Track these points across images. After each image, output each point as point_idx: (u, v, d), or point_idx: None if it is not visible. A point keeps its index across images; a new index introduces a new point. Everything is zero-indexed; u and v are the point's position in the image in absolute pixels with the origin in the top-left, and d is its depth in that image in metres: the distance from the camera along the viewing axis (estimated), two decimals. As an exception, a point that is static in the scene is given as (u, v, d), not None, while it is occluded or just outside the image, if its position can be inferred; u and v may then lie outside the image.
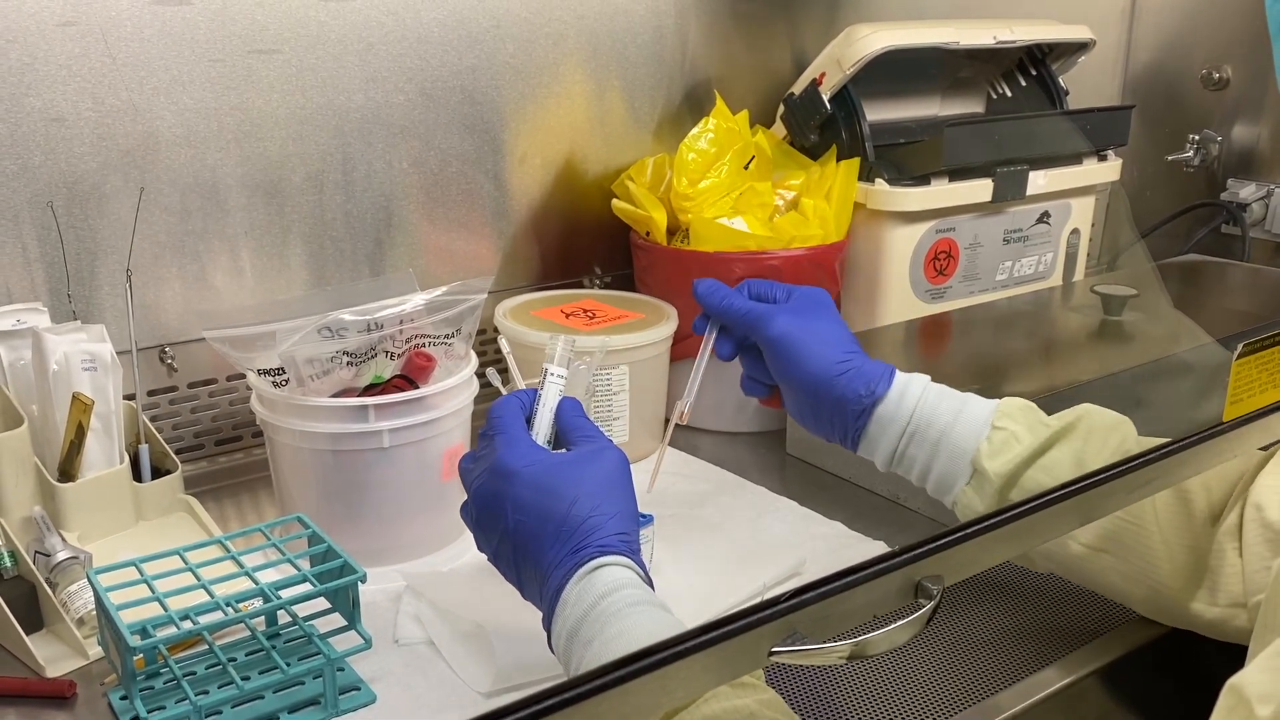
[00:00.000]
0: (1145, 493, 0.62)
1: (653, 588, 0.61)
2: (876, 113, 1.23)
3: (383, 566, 0.85)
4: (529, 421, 0.69)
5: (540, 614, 0.81)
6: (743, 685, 0.55)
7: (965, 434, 0.74)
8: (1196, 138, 1.63)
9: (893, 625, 0.49)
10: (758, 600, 0.82)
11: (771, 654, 0.46)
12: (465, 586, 0.82)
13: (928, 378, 0.77)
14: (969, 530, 0.51)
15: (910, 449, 0.76)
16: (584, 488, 0.63)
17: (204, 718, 0.66)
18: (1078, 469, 0.71)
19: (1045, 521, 0.55)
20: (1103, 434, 0.72)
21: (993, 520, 0.52)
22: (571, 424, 0.69)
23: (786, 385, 0.79)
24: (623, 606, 0.57)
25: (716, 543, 0.90)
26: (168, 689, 0.70)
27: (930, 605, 0.50)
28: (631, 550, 0.62)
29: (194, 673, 0.72)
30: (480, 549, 0.67)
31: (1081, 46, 1.35)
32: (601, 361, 0.96)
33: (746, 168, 1.14)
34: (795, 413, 0.81)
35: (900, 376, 0.77)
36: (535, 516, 0.62)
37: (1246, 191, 1.57)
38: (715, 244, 1.09)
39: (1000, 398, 0.76)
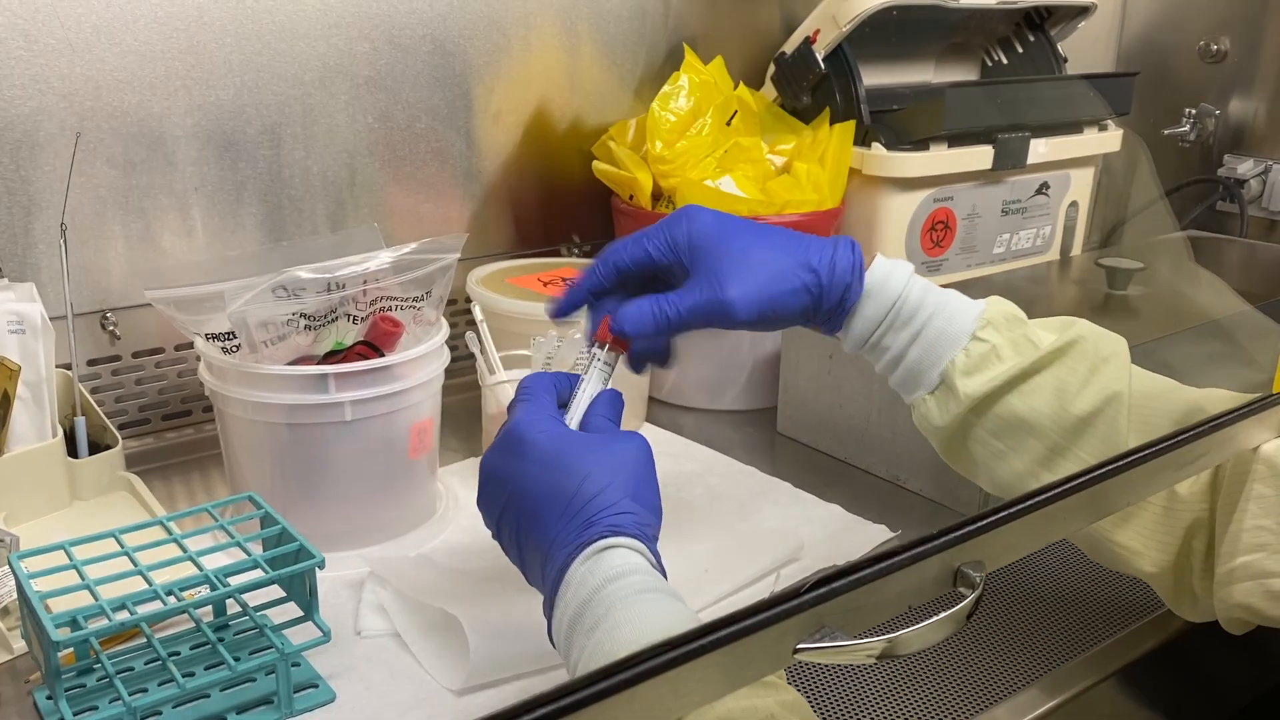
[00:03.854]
0: (1195, 469, 0.58)
1: (665, 577, 0.55)
2: (869, 77, 1.17)
3: (343, 551, 0.79)
4: (563, 406, 0.64)
5: (520, 608, 0.74)
6: (764, 683, 0.49)
7: (939, 339, 0.65)
8: (1193, 111, 1.59)
9: (932, 619, 0.43)
10: (752, 586, 0.76)
11: (797, 651, 0.40)
12: (435, 573, 0.76)
13: (910, 268, 0.67)
14: (1014, 510, 0.45)
15: (881, 344, 0.67)
16: (601, 466, 0.57)
17: (140, 719, 0.59)
18: (1057, 399, 0.64)
19: (1096, 498, 0.50)
20: (1091, 362, 0.65)
21: (1042, 498, 0.46)
22: (603, 420, 0.63)
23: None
24: (631, 593, 0.52)
25: (707, 526, 0.84)
26: (100, 687, 0.64)
27: (973, 595, 0.44)
28: (646, 536, 0.56)
29: (130, 669, 0.65)
30: (485, 524, 0.62)
31: (1082, 11, 1.30)
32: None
33: (729, 124, 1.08)
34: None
35: (879, 268, 0.66)
36: (543, 487, 0.57)
37: (1244, 168, 1.52)
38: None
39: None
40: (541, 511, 0.57)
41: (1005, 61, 1.34)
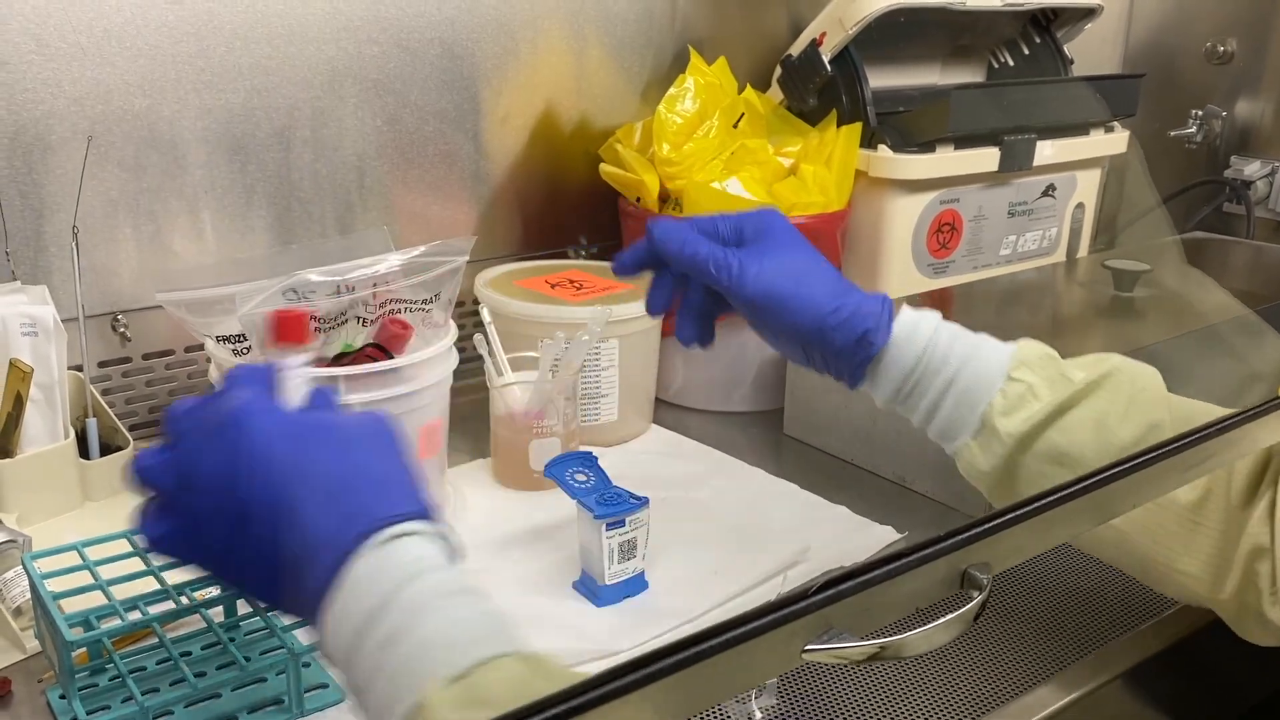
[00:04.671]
0: (1200, 472, 0.57)
1: (464, 559, 0.49)
2: (875, 79, 1.17)
3: (353, 552, 0.78)
4: None
5: (529, 609, 0.74)
6: None
7: (976, 383, 0.66)
8: (1200, 113, 1.58)
9: (940, 621, 0.43)
10: (760, 587, 0.76)
11: (805, 652, 0.40)
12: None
13: (938, 315, 0.68)
14: (1021, 512, 0.45)
15: (915, 394, 0.68)
16: (361, 438, 0.49)
17: (153, 719, 0.60)
18: (1098, 431, 0.64)
19: (1100, 501, 0.50)
20: (1129, 393, 0.65)
21: (1047, 500, 0.46)
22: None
23: (770, 339, 0.71)
24: (438, 598, 0.45)
25: (713, 528, 0.84)
26: (113, 687, 0.64)
27: (980, 597, 0.44)
28: (438, 515, 0.49)
29: (143, 669, 0.65)
30: (159, 542, 0.50)
31: (1089, 12, 1.30)
32: (600, 334, 0.89)
33: (736, 126, 1.08)
34: (784, 354, 0.73)
35: (907, 317, 0.67)
36: (292, 471, 0.47)
37: (1251, 169, 1.52)
38: (709, 210, 1.02)
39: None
40: (290, 504, 0.46)
41: (1011, 63, 1.34)
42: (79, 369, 0.85)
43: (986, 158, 1.15)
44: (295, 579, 0.47)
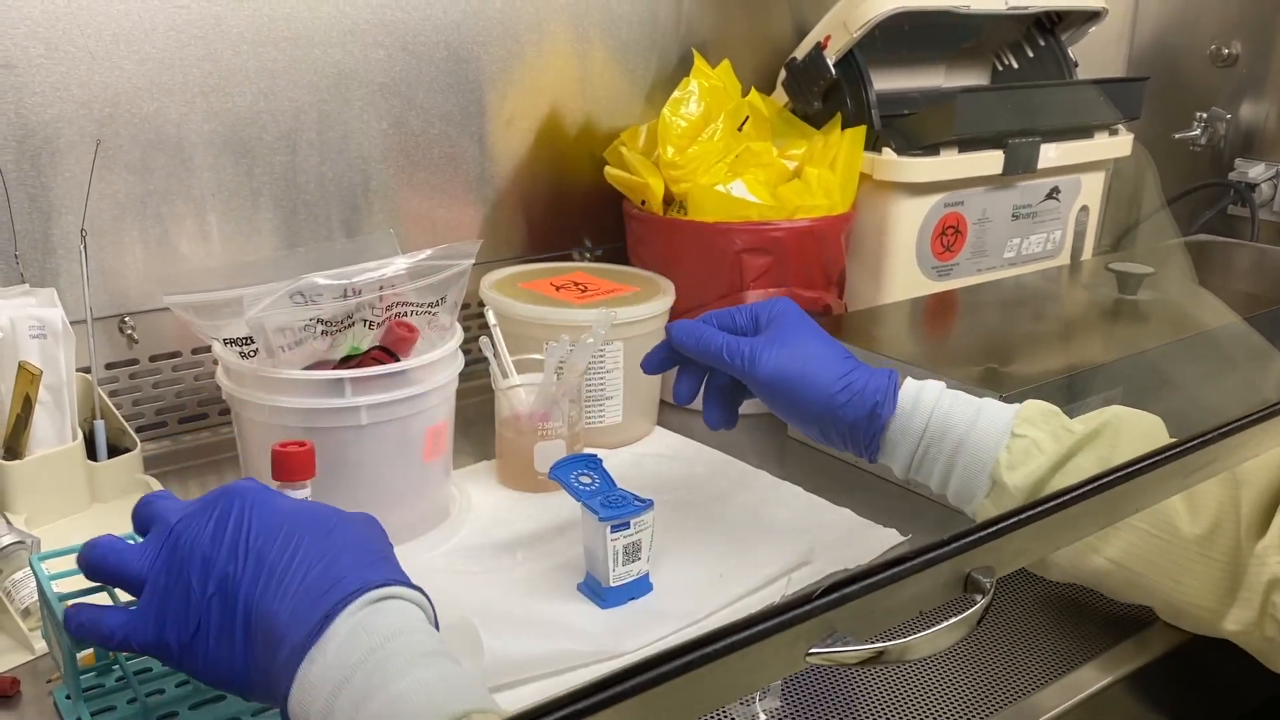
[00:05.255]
0: (1202, 476, 0.57)
1: (436, 626, 0.52)
2: (880, 82, 1.18)
3: (359, 553, 0.78)
4: None
5: (534, 610, 0.74)
6: None
7: (982, 443, 0.69)
8: (1204, 115, 1.58)
9: (943, 624, 0.44)
10: (765, 590, 0.77)
11: (809, 655, 0.41)
12: (449, 575, 0.76)
13: (942, 384, 0.72)
14: (1024, 516, 0.46)
15: (927, 460, 0.71)
16: (350, 525, 0.53)
17: (157, 719, 0.60)
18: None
19: (1102, 506, 0.50)
20: (1130, 439, 0.67)
21: (1048, 505, 0.47)
22: None
23: (788, 419, 0.76)
24: (418, 655, 0.46)
25: (717, 530, 0.84)
26: (118, 687, 0.64)
27: (984, 601, 0.44)
28: (421, 589, 0.52)
29: (148, 669, 0.65)
30: (119, 630, 0.52)
31: (1093, 16, 1.30)
32: (605, 336, 0.90)
33: (740, 129, 1.08)
34: (807, 435, 0.77)
35: (910, 387, 0.72)
36: (285, 538, 0.51)
37: (1255, 171, 1.52)
38: (714, 213, 1.03)
39: (1017, 388, 0.71)
40: (281, 567, 0.49)
41: (1016, 66, 1.34)
42: (87, 371, 0.85)
43: (991, 160, 1.15)
44: (271, 644, 0.48)
